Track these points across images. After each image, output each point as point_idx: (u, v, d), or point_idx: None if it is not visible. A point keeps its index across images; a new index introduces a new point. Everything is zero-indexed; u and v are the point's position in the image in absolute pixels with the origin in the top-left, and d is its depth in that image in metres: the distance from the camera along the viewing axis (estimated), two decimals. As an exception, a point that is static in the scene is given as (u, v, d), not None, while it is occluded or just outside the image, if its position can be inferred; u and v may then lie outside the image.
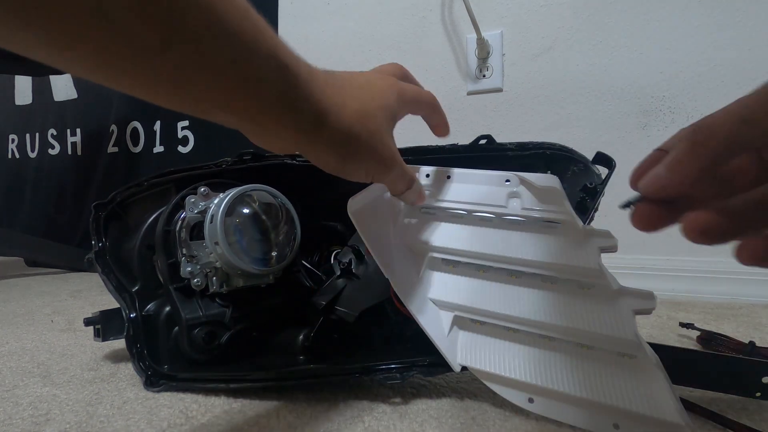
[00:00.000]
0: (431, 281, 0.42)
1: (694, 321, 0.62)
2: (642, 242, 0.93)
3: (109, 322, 0.52)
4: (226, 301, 0.49)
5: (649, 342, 0.34)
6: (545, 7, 1.01)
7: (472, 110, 1.09)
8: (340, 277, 0.49)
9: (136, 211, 0.52)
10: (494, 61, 1.06)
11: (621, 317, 0.34)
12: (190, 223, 0.48)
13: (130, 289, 0.50)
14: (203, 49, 0.20)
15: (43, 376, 0.51)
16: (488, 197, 0.39)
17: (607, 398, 0.33)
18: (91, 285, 1.11)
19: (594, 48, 0.96)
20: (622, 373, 0.34)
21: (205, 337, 0.46)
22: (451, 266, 0.41)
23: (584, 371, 0.35)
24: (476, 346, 0.39)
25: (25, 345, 0.62)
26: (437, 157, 0.47)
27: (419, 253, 0.42)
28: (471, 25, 1.03)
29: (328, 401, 0.42)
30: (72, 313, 0.82)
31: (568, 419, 0.35)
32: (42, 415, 0.41)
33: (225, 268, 0.47)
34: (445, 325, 0.40)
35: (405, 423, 0.38)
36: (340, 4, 1.22)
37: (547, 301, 0.36)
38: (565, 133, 1.00)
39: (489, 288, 0.39)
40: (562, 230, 0.37)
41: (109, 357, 0.56)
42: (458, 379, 0.46)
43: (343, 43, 1.23)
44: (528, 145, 0.45)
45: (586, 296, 0.36)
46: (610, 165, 0.42)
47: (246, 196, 0.48)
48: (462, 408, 0.40)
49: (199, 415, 0.40)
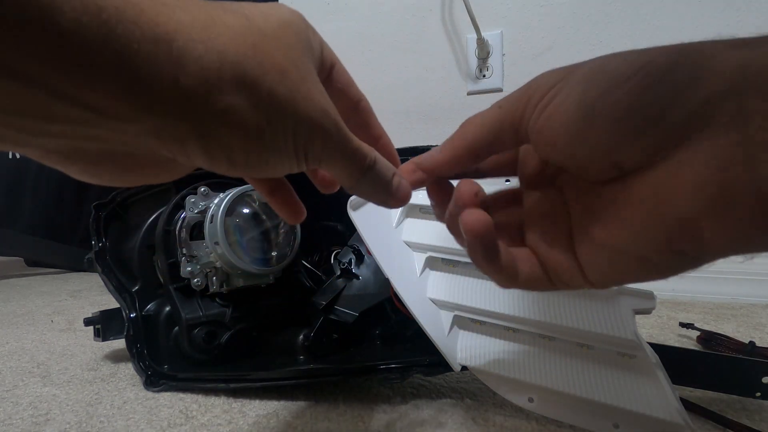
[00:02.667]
0: (431, 281, 0.42)
1: (694, 321, 0.62)
2: (642, 242, 0.93)
3: (109, 322, 0.52)
4: (226, 301, 0.49)
5: (649, 342, 0.34)
6: (545, 7, 1.01)
7: (472, 110, 1.07)
8: (340, 277, 0.49)
9: (136, 211, 0.52)
10: (494, 61, 1.06)
11: (621, 317, 0.33)
12: (190, 223, 0.48)
13: (130, 289, 0.50)
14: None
15: (43, 376, 0.51)
16: (488, 197, 0.39)
17: (607, 398, 0.33)
18: (91, 285, 1.11)
19: (594, 48, 0.96)
20: (622, 373, 0.34)
21: (205, 337, 0.46)
22: (451, 266, 0.41)
23: (584, 371, 0.35)
24: (476, 346, 0.39)
25: (25, 345, 0.62)
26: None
27: (419, 253, 0.42)
28: (471, 25, 1.03)
29: (328, 401, 0.42)
30: (72, 313, 0.82)
31: (568, 419, 0.35)
32: (42, 415, 0.41)
33: (225, 268, 0.47)
34: (445, 325, 0.40)
35: (405, 423, 0.38)
36: (340, 4, 1.22)
37: (546, 301, 0.36)
38: (565, 133, 1.00)
39: (489, 288, 0.39)
40: (562, 230, 0.37)
41: (109, 357, 0.56)
42: (458, 379, 0.46)
43: (343, 43, 1.23)
44: (528, 145, 0.45)
45: (585, 296, 0.36)
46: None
47: (246, 195, 0.48)
48: (462, 408, 0.40)
49: (199, 415, 0.40)
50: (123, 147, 0.16)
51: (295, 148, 0.18)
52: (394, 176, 0.23)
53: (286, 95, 0.17)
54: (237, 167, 0.18)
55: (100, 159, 0.17)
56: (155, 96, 0.14)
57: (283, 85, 0.17)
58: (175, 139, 0.16)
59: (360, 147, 0.21)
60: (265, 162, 0.18)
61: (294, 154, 0.18)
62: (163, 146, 0.16)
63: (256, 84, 0.16)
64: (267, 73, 0.16)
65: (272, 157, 0.18)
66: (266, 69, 0.16)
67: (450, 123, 1.09)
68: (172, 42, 0.14)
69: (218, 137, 0.16)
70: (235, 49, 0.16)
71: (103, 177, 0.18)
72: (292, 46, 0.18)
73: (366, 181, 0.22)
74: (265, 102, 0.16)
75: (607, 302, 0.34)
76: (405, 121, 1.15)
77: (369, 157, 0.21)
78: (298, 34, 0.18)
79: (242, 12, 0.17)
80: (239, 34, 0.16)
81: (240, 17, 0.16)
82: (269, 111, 0.17)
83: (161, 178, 0.20)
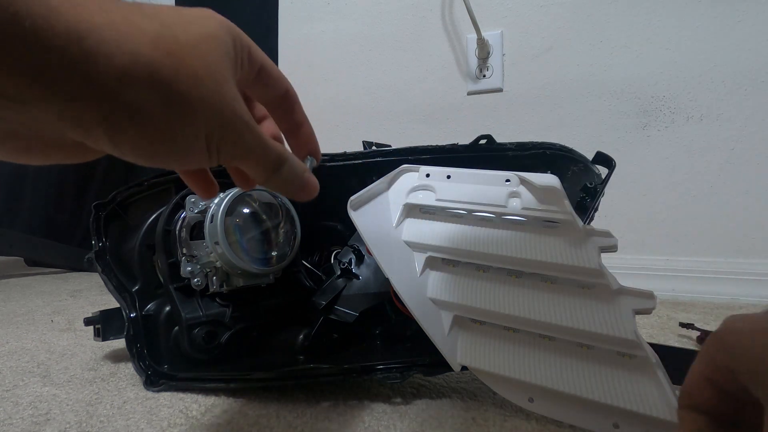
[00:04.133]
0: (431, 281, 0.42)
1: (694, 321, 0.62)
2: (642, 242, 0.93)
3: (109, 321, 0.52)
4: (226, 301, 0.49)
5: (649, 342, 0.34)
6: (545, 7, 1.01)
7: (472, 110, 1.09)
8: (340, 277, 0.49)
9: (136, 211, 0.52)
10: (494, 61, 1.06)
11: (621, 317, 0.34)
12: (190, 223, 0.48)
13: (131, 289, 0.50)
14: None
15: (43, 375, 0.51)
16: (488, 197, 0.39)
17: (607, 398, 0.33)
18: (91, 285, 1.11)
19: (594, 48, 0.96)
20: (622, 373, 0.34)
21: (205, 337, 0.46)
22: (451, 266, 0.41)
23: (584, 371, 0.35)
24: (476, 346, 0.39)
25: (25, 345, 0.62)
26: (437, 157, 0.47)
27: (419, 253, 0.42)
28: (471, 25, 1.03)
29: (328, 401, 0.42)
30: (72, 313, 0.82)
31: (568, 419, 0.35)
32: (42, 414, 0.41)
33: (225, 268, 0.47)
34: (445, 325, 0.40)
35: (405, 423, 0.38)
36: (340, 4, 1.22)
37: (547, 301, 0.36)
38: (565, 133, 1.00)
39: (489, 288, 0.39)
40: (562, 230, 0.37)
41: (109, 357, 0.56)
42: (458, 379, 0.46)
43: (343, 43, 1.23)
44: (528, 145, 0.45)
45: (586, 296, 0.36)
46: (610, 165, 0.42)
47: (246, 195, 0.48)
48: (462, 408, 0.40)
49: (199, 415, 0.40)
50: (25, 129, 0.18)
51: (207, 146, 0.20)
52: (304, 173, 0.26)
53: (199, 98, 0.19)
54: (144, 158, 0.19)
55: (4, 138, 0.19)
56: (62, 85, 0.16)
57: (196, 89, 0.18)
58: (79, 125, 0.17)
59: (271, 147, 0.23)
60: (173, 155, 0.19)
61: (206, 151, 0.20)
62: (69, 130, 0.17)
63: (168, 85, 0.18)
64: (180, 77, 0.18)
65: (181, 151, 0.19)
66: (180, 74, 0.18)
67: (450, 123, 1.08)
68: (83, 40, 0.16)
69: (124, 128, 0.18)
70: (149, 52, 0.17)
71: (8, 154, 0.20)
72: (210, 55, 0.19)
73: (276, 177, 0.24)
74: (176, 102, 0.18)
75: (607, 302, 0.35)
76: (405, 121, 1.15)
77: (281, 156, 0.24)
78: (218, 45, 0.20)
79: (159, 19, 0.18)
80: (152, 39, 0.17)
81: (156, 23, 0.18)
82: (180, 110, 0.18)
83: (69, 160, 0.22)
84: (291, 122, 0.28)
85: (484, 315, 0.39)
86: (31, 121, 0.17)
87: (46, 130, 0.18)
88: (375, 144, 0.51)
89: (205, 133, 0.19)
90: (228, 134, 0.20)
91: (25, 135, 0.19)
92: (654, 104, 0.93)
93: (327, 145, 0.35)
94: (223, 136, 0.20)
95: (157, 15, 0.18)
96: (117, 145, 0.18)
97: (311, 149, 0.29)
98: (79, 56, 0.15)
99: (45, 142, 0.20)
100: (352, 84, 1.21)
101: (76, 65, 0.16)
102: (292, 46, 1.29)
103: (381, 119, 1.18)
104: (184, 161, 0.20)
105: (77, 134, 0.18)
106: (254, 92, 0.25)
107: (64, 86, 0.16)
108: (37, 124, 0.17)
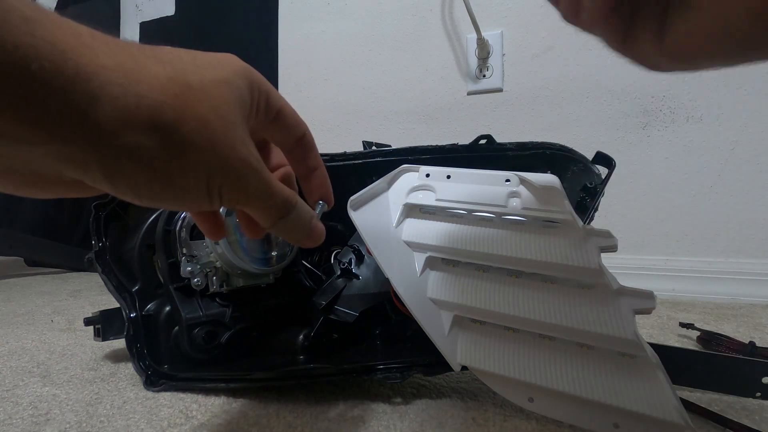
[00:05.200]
0: (431, 281, 0.42)
1: (694, 321, 0.62)
2: (642, 242, 0.93)
3: (109, 321, 0.52)
4: (226, 301, 0.49)
5: (649, 342, 0.34)
6: (545, 7, 1.01)
7: (472, 110, 1.09)
8: (340, 277, 0.49)
9: (136, 210, 0.52)
10: (494, 61, 1.06)
11: (621, 317, 0.33)
12: (190, 223, 0.48)
13: (131, 289, 0.50)
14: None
15: (43, 375, 0.51)
16: (488, 197, 0.39)
17: (607, 398, 0.33)
18: (91, 285, 1.11)
19: (594, 48, 0.96)
20: (622, 373, 0.34)
21: (205, 337, 0.46)
22: (451, 266, 0.41)
23: (584, 371, 0.35)
24: (476, 346, 0.39)
25: (25, 345, 0.62)
26: (437, 157, 0.47)
27: (419, 253, 0.42)
28: (471, 25, 1.03)
29: (328, 401, 0.42)
30: (72, 313, 0.82)
31: (568, 419, 0.35)
32: (42, 414, 0.41)
33: (225, 268, 0.47)
34: (445, 325, 0.40)
35: (405, 423, 0.38)
36: (340, 4, 1.22)
37: (547, 301, 0.36)
38: (565, 133, 1.00)
39: (489, 288, 0.39)
40: (562, 230, 0.37)
41: (109, 357, 0.56)
42: (458, 379, 0.46)
43: (343, 43, 1.23)
44: (528, 145, 0.45)
45: (586, 296, 0.36)
46: (610, 165, 0.42)
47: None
48: (462, 408, 0.40)
49: (199, 415, 0.40)
50: (26, 165, 0.18)
51: (209, 189, 0.20)
52: (311, 220, 0.26)
53: (203, 143, 0.18)
54: (143, 199, 0.19)
55: (2, 172, 0.19)
56: (61, 126, 0.16)
57: (200, 132, 0.18)
58: (77, 165, 0.17)
59: (279, 193, 0.22)
60: (172, 198, 0.19)
61: (207, 196, 0.20)
62: (67, 169, 0.17)
63: (170, 128, 0.17)
64: (185, 120, 0.18)
65: (180, 194, 0.19)
66: (185, 117, 0.18)
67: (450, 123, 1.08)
68: (89, 81, 0.16)
69: (122, 170, 0.18)
70: (155, 95, 0.17)
71: (6, 187, 0.20)
72: (219, 99, 0.19)
73: (284, 223, 0.24)
74: (178, 146, 0.18)
75: (607, 302, 0.35)
76: (405, 121, 1.15)
77: (289, 202, 0.23)
78: (230, 90, 0.20)
79: (173, 63, 0.18)
80: (162, 83, 0.17)
81: (168, 68, 0.18)
82: (181, 154, 0.18)
83: (70, 194, 0.21)
84: (305, 166, 0.28)
85: (484, 315, 0.39)
86: (30, 158, 0.17)
87: (45, 168, 0.18)
88: (375, 144, 0.51)
89: (206, 177, 0.19)
90: (231, 179, 0.20)
91: (25, 170, 0.19)
92: (654, 104, 0.93)
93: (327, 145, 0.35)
94: (226, 180, 0.20)
95: (172, 60, 0.19)
96: (115, 186, 0.18)
97: (323, 194, 0.29)
98: (81, 98, 0.15)
99: (45, 179, 0.20)
100: (352, 84, 1.21)
101: (77, 107, 0.15)
102: (292, 46, 1.29)
103: (381, 119, 1.18)
104: (183, 204, 0.20)
105: (76, 174, 0.18)
106: (271, 135, 0.25)
107: (62, 129, 0.16)
108: (36, 161, 0.17)
